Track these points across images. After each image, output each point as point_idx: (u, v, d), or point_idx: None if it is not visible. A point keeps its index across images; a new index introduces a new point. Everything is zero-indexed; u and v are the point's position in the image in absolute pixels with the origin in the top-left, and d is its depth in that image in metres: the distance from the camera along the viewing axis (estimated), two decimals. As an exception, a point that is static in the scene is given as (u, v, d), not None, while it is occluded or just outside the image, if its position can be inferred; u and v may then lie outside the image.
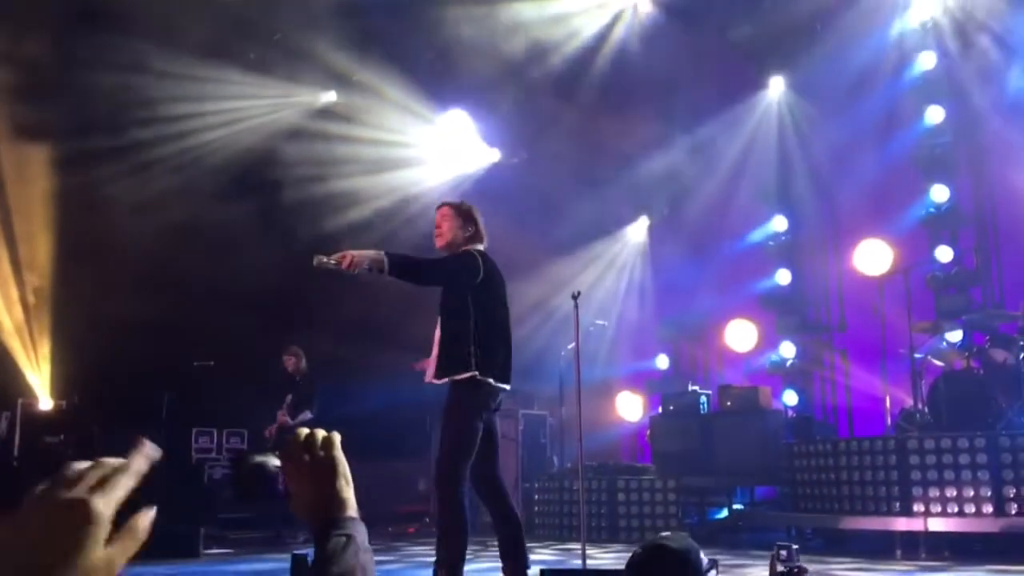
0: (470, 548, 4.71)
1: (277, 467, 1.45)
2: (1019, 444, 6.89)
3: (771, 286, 11.25)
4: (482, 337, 4.81)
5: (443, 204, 5.20)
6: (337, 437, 1.45)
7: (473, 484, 4.75)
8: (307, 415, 9.09)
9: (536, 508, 9.92)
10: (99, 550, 0.78)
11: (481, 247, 5.07)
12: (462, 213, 5.09)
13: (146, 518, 0.84)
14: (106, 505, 0.80)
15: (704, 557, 2.45)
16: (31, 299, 9.76)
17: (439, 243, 5.06)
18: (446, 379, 4.78)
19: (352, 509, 1.38)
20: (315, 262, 4.65)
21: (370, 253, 4.67)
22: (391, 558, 7.78)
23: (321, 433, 1.43)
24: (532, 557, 5.09)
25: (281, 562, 6.33)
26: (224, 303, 10.03)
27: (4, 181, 9.50)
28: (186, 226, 10.00)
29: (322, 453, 1.41)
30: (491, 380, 4.77)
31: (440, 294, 5.00)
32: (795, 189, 10.92)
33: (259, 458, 1.49)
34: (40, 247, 9.70)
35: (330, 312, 10.50)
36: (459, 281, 4.87)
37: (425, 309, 5.46)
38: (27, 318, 9.75)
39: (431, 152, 11.53)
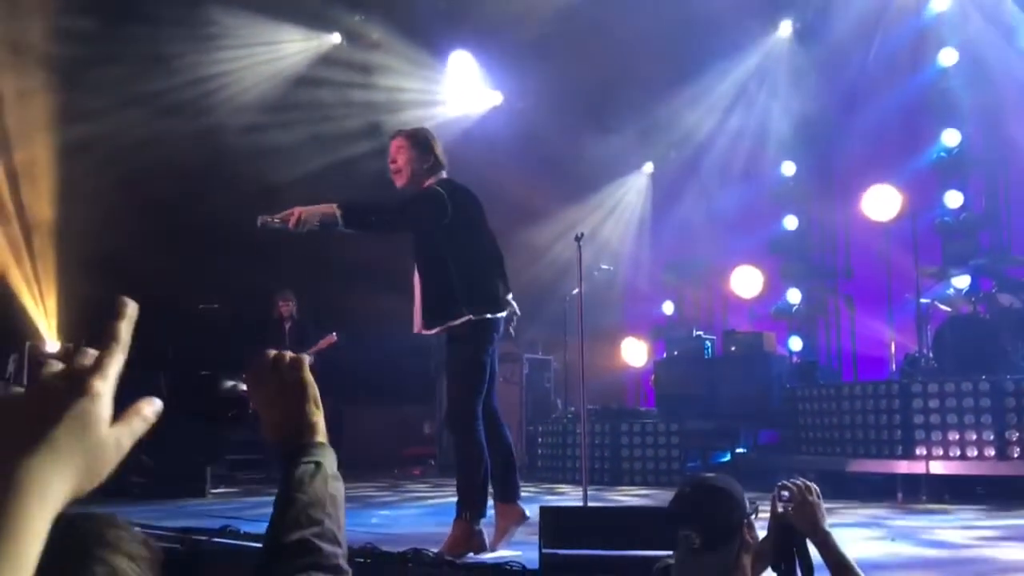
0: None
1: (242, 391, 1.40)
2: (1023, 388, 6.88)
3: (778, 232, 11.17)
4: (467, 274, 4.53)
5: (397, 133, 4.76)
6: (306, 358, 1.41)
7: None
8: (307, 360, 9.08)
9: (539, 451, 10.00)
10: (104, 427, 0.78)
11: (443, 175, 4.69)
12: (419, 142, 4.66)
13: (152, 403, 0.84)
14: (103, 381, 0.79)
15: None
16: (35, 240, 9.75)
17: (398, 181, 4.65)
18: (438, 328, 4.59)
19: (321, 434, 1.34)
20: (259, 222, 4.33)
21: (320, 208, 4.33)
22: (396, 498, 7.87)
23: (289, 354, 1.39)
24: (529, 495, 5.10)
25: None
26: (229, 245, 10.00)
27: (5, 117, 9.42)
28: (195, 166, 9.96)
29: (290, 375, 1.36)
30: (487, 315, 4.57)
31: (411, 238, 4.69)
32: (803, 134, 10.78)
33: (228, 383, 1.44)
34: (43, 184, 9.65)
35: (331, 255, 10.47)
36: (427, 224, 4.53)
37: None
38: (32, 260, 9.76)
39: (435, 95, 11.41)
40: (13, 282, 9.64)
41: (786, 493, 2.54)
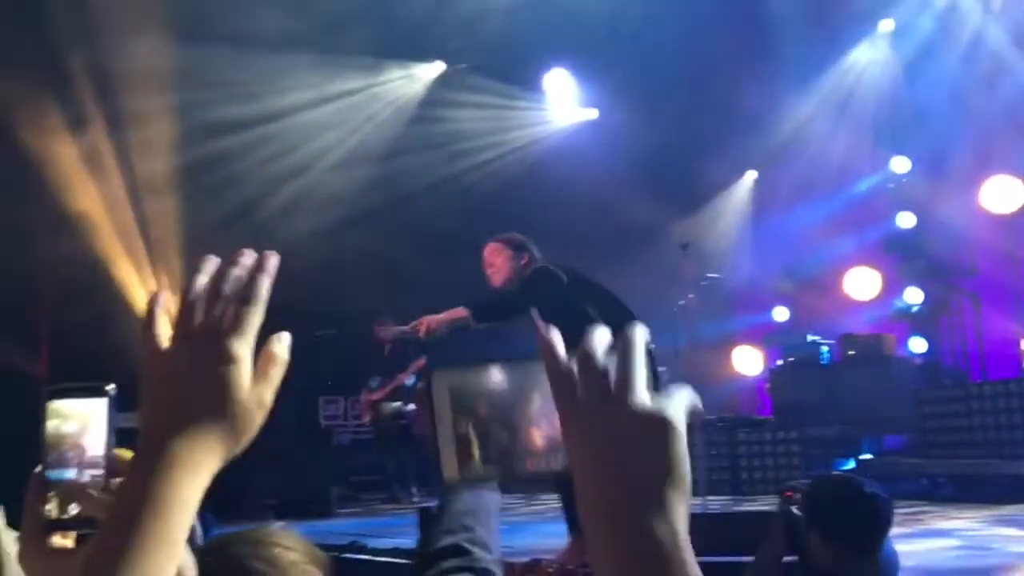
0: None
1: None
2: None
3: (893, 230, 10.82)
4: (608, 319, 4.68)
5: (492, 240, 5.07)
6: None
7: None
8: (407, 381, 9.21)
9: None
10: (245, 390, 0.77)
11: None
12: (513, 244, 5.00)
13: (280, 340, 0.82)
14: (242, 342, 0.77)
15: None
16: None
17: (496, 280, 4.94)
18: None
19: None
20: (390, 335, 4.63)
21: (448, 315, 4.67)
22: (521, 507, 7.95)
23: None
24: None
25: (410, 516, 6.56)
26: (342, 273, 10.36)
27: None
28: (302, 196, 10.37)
29: None
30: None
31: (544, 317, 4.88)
32: (916, 127, 10.45)
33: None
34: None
35: (444, 279, 10.70)
36: (552, 290, 4.78)
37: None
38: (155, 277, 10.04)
39: (536, 114, 11.60)
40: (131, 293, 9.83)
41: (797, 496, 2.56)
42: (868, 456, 9.24)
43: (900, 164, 10.79)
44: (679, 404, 0.71)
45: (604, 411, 0.69)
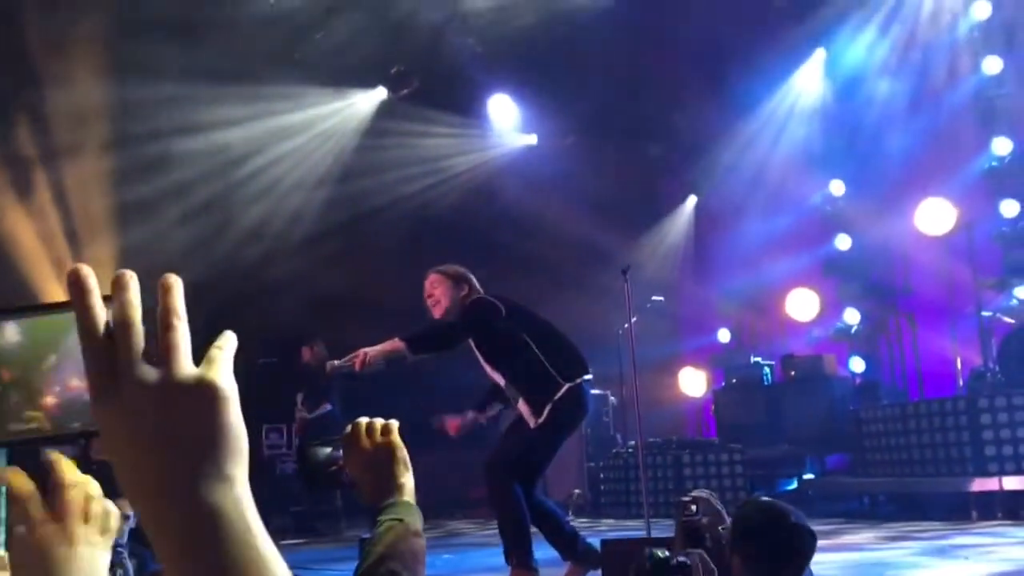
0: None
1: (338, 457, 1.51)
2: (1096, 397, 6.66)
3: (831, 253, 11.02)
4: (545, 350, 4.82)
5: (432, 272, 5.14)
6: (395, 424, 1.49)
7: (507, 474, 4.74)
8: (326, 407, 9.13)
9: (602, 487, 9.92)
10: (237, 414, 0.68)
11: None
12: (452, 276, 5.07)
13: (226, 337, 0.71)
14: (223, 374, 0.67)
15: None
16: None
17: (436, 312, 5.02)
18: (547, 411, 4.76)
19: (408, 494, 1.43)
20: (328, 368, 4.83)
21: (384, 347, 4.68)
22: (459, 541, 7.87)
23: (379, 421, 1.48)
24: (596, 533, 5.15)
25: (351, 547, 6.46)
26: (285, 300, 10.24)
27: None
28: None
29: (380, 439, 1.45)
30: (581, 377, 4.82)
31: (474, 349, 4.96)
32: (850, 151, 10.68)
33: (323, 450, 1.55)
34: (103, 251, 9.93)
35: (390, 306, 10.64)
36: (490, 325, 4.85)
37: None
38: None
39: (475, 140, 11.63)
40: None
41: (693, 508, 2.65)
42: (810, 476, 9.35)
43: (837, 187, 11.01)
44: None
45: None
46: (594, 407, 10.61)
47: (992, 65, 9.38)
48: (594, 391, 10.65)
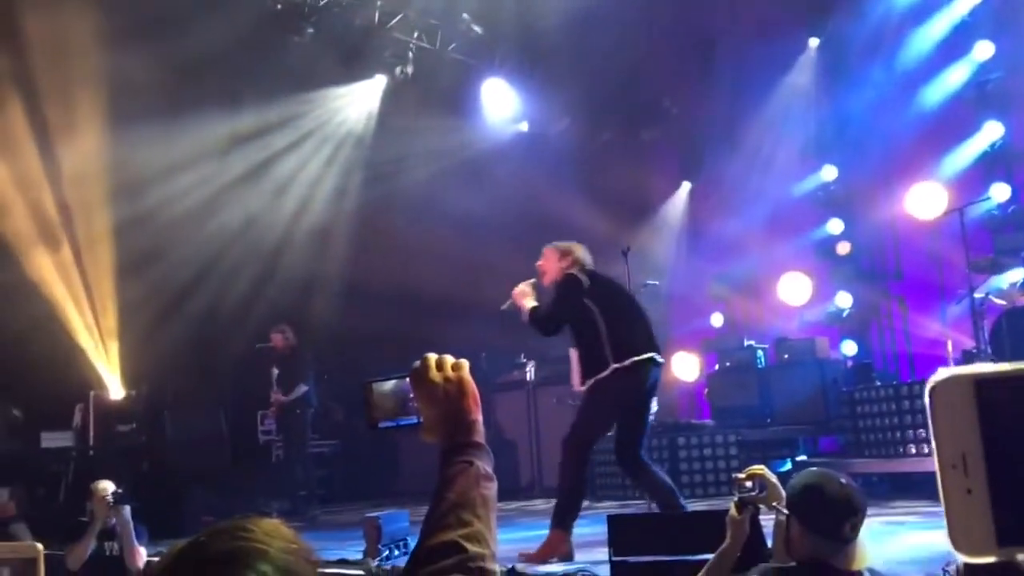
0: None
1: (407, 389, 1.44)
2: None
3: (823, 236, 11.09)
4: (613, 331, 5.26)
5: (546, 246, 5.76)
6: (465, 363, 1.44)
7: (618, 457, 5.48)
8: (301, 388, 9.26)
9: (599, 469, 9.98)
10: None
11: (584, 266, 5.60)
12: (559, 250, 5.68)
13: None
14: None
15: None
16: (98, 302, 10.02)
17: (545, 281, 5.67)
18: (590, 382, 5.31)
19: (478, 434, 1.35)
20: (504, 307, 5.57)
21: (525, 303, 5.44)
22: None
23: (450, 357, 1.42)
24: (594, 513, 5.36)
25: (354, 528, 6.51)
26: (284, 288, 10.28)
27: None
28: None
29: (452, 373, 1.40)
30: (634, 358, 5.21)
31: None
32: (842, 137, 10.74)
33: (387, 383, 1.48)
34: (103, 255, 9.98)
35: (394, 288, 10.64)
36: (571, 304, 5.37)
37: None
38: (96, 318, 10.00)
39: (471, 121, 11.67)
40: (78, 337, 9.89)
41: (749, 484, 2.74)
42: (804, 457, 9.43)
43: (829, 172, 11.07)
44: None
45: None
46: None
47: (983, 50, 9.45)
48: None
